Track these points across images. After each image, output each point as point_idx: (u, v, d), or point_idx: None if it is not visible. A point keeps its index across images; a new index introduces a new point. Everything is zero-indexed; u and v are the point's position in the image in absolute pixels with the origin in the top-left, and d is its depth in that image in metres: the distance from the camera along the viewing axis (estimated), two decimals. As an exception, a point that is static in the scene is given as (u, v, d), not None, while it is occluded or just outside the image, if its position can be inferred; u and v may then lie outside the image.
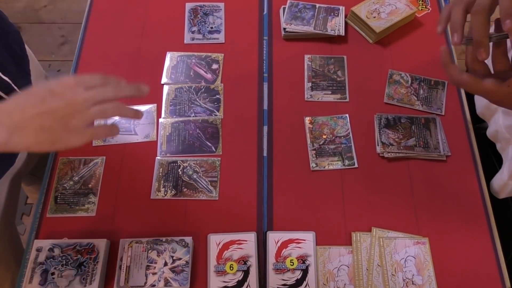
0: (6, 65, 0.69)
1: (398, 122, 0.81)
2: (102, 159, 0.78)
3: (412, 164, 0.78)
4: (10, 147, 0.52)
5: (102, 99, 0.57)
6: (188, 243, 0.69)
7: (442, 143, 0.79)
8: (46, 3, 2.11)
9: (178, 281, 0.66)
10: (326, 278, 0.68)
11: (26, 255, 0.70)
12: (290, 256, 0.69)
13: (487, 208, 0.74)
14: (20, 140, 0.52)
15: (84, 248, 0.68)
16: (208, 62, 0.88)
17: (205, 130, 0.81)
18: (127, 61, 0.89)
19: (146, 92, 0.61)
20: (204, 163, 0.77)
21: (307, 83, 0.86)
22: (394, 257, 0.69)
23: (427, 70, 0.87)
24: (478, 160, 0.78)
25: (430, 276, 0.68)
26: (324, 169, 0.77)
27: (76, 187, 0.75)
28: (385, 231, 0.71)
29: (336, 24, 0.90)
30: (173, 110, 0.83)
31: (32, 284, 0.66)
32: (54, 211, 0.74)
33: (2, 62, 0.67)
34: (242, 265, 0.68)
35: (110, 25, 0.94)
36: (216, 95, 0.84)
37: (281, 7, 0.94)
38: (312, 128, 0.81)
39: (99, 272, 0.66)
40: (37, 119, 0.53)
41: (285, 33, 0.91)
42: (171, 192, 0.75)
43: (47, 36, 2.02)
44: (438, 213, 0.74)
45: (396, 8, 0.91)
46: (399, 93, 0.85)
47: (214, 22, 0.93)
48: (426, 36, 0.92)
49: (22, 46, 0.79)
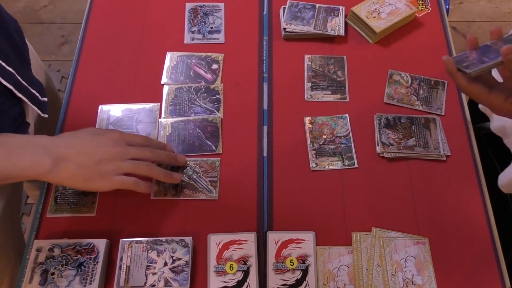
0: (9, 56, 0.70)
1: (398, 122, 0.81)
2: (102, 159, 0.78)
3: (412, 164, 0.78)
4: (50, 176, 0.59)
5: (139, 157, 0.66)
6: (188, 243, 0.69)
7: (442, 143, 0.79)
8: (46, 3, 2.11)
9: (178, 281, 0.66)
10: (326, 278, 0.68)
11: (26, 255, 0.70)
12: (290, 256, 0.69)
13: (487, 208, 0.74)
14: (60, 171, 0.59)
15: (84, 248, 0.68)
16: (208, 62, 0.88)
17: (205, 129, 0.80)
18: (127, 61, 0.89)
19: (182, 163, 0.74)
20: (204, 163, 0.77)
21: (307, 83, 0.86)
22: (394, 257, 0.69)
23: (427, 70, 0.87)
24: (478, 160, 0.78)
25: (430, 276, 0.68)
26: (324, 169, 0.77)
27: (76, 187, 0.75)
28: (385, 231, 0.71)
29: (336, 24, 0.90)
30: (173, 110, 0.83)
31: (32, 284, 0.66)
32: (54, 211, 0.74)
33: (5, 53, 0.68)
34: (242, 265, 0.68)
35: (110, 25, 0.94)
36: (216, 95, 0.84)
37: (281, 7, 0.94)
38: (312, 128, 0.81)
39: (99, 272, 0.66)
40: (78, 156, 0.60)
41: (285, 33, 0.91)
42: (171, 192, 0.75)
43: (47, 36, 2.02)
44: (438, 213, 0.74)
45: (396, 8, 0.91)
46: (399, 93, 0.85)
47: (214, 22, 0.93)
48: (426, 36, 0.92)
49: (22, 36, 0.80)
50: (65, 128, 0.82)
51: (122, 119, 0.82)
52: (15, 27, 0.78)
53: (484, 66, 0.57)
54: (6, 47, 0.70)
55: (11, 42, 0.73)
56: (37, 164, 0.57)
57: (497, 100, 0.58)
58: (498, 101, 0.58)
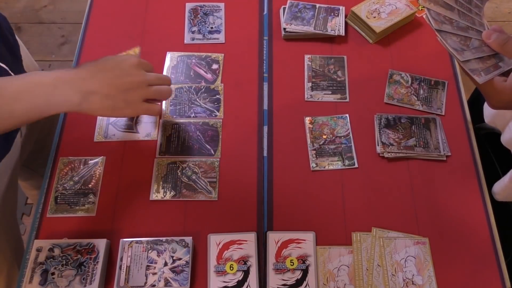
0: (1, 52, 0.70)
1: (398, 122, 0.81)
2: (102, 159, 0.78)
3: (412, 164, 0.78)
4: (81, 108, 0.62)
5: (157, 83, 0.69)
6: (188, 243, 0.69)
7: (442, 143, 0.79)
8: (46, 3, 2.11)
9: (178, 281, 0.66)
10: (326, 278, 0.68)
11: (26, 255, 0.70)
12: (290, 256, 0.69)
13: (487, 208, 0.74)
14: (90, 104, 0.63)
15: (84, 248, 0.68)
16: (208, 62, 0.88)
17: (205, 132, 0.80)
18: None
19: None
20: (203, 164, 0.77)
21: (307, 83, 0.86)
22: (394, 257, 0.69)
23: (427, 70, 0.87)
24: (478, 160, 0.78)
25: (430, 276, 0.68)
26: (324, 169, 0.77)
27: (76, 187, 0.75)
28: (385, 231, 0.71)
29: (336, 24, 0.90)
30: (173, 110, 0.83)
31: (32, 284, 0.66)
32: (54, 211, 0.74)
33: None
34: (242, 265, 0.68)
35: (110, 25, 0.94)
36: (216, 95, 0.84)
37: (281, 7, 0.94)
38: (312, 128, 0.81)
39: (99, 272, 0.66)
40: (105, 88, 0.63)
41: (285, 33, 0.91)
42: (170, 193, 0.75)
43: (47, 36, 2.02)
44: (438, 213, 0.74)
45: (396, 8, 0.91)
46: (399, 93, 0.85)
47: (214, 22, 0.93)
48: (426, 36, 0.92)
49: (12, 33, 0.81)
50: (65, 128, 0.82)
51: (122, 118, 0.82)
52: (6, 25, 0.79)
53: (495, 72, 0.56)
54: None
55: (3, 39, 0.74)
56: (68, 101, 0.61)
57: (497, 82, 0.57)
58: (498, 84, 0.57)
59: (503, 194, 0.75)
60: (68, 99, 0.61)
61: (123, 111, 0.67)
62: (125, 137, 0.80)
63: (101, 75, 0.64)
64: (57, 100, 0.61)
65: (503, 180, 0.75)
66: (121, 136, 0.80)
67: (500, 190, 0.75)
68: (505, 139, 0.76)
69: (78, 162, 0.78)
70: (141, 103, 0.67)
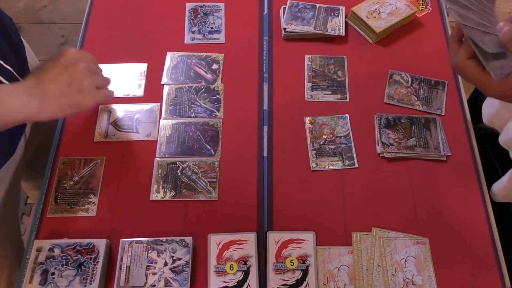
0: (6, 53, 0.70)
1: (398, 122, 0.81)
2: (102, 159, 0.78)
3: (412, 164, 0.78)
4: (40, 116, 0.61)
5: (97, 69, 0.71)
6: (188, 243, 0.69)
7: (442, 143, 0.79)
8: (46, 3, 2.11)
9: (178, 281, 0.66)
10: (326, 278, 0.68)
11: (26, 255, 0.70)
12: (290, 256, 0.69)
13: (487, 208, 0.74)
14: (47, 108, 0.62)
15: (84, 248, 0.68)
16: (208, 62, 0.88)
17: (205, 132, 0.80)
18: (127, 61, 0.89)
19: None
20: (203, 164, 0.77)
21: (307, 83, 0.86)
22: (394, 257, 0.69)
23: (427, 70, 0.87)
24: (478, 160, 0.78)
25: (430, 276, 0.68)
26: (324, 169, 0.77)
27: (76, 187, 0.75)
28: (385, 231, 0.71)
29: (336, 24, 0.90)
30: (173, 110, 0.83)
31: (32, 284, 0.66)
32: (54, 211, 0.74)
33: (3, 51, 0.68)
34: (242, 265, 0.68)
35: (110, 25, 0.94)
36: (216, 95, 0.84)
37: (281, 7, 0.94)
38: (312, 128, 0.81)
39: (99, 272, 0.66)
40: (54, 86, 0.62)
41: (285, 33, 0.91)
42: (170, 193, 0.75)
43: (47, 36, 2.02)
44: (438, 213, 0.74)
45: (396, 8, 0.91)
46: (399, 93, 0.85)
47: (214, 22, 0.93)
48: (426, 36, 0.92)
49: (18, 34, 0.80)
50: (66, 128, 0.82)
51: (122, 119, 0.82)
52: (11, 25, 0.78)
53: None
54: (3, 45, 0.71)
55: (8, 40, 0.74)
56: (25, 107, 0.60)
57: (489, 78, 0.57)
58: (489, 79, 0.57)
59: (501, 195, 0.75)
60: (25, 105, 0.60)
61: (83, 103, 0.66)
62: (125, 137, 0.80)
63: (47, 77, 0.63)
64: (14, 108, 0.60)
65: (502, 181, 0.75)
66: (121, 136, 0.80)
67: (499, 191, 0.76)
68: (503, 140, 0.76)
69: (78, 162, 0.78)
70: (97, 90, 0.67)
